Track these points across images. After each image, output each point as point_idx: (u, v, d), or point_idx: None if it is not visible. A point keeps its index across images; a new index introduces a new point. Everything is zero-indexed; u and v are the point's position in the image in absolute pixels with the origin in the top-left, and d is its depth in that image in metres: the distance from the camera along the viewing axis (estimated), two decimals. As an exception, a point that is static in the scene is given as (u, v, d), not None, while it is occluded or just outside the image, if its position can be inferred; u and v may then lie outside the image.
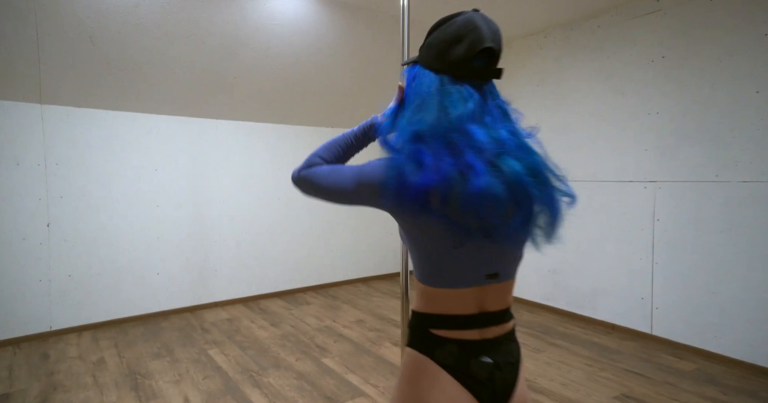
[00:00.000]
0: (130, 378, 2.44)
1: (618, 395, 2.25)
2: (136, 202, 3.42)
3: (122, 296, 3.38)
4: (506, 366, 0.80)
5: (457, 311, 0.79)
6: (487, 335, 0.80)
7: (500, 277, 0.81)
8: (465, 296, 0.79)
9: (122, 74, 3.01)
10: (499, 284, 0.82)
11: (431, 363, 0.78)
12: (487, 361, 0.78)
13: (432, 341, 0.79)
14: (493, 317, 0.81)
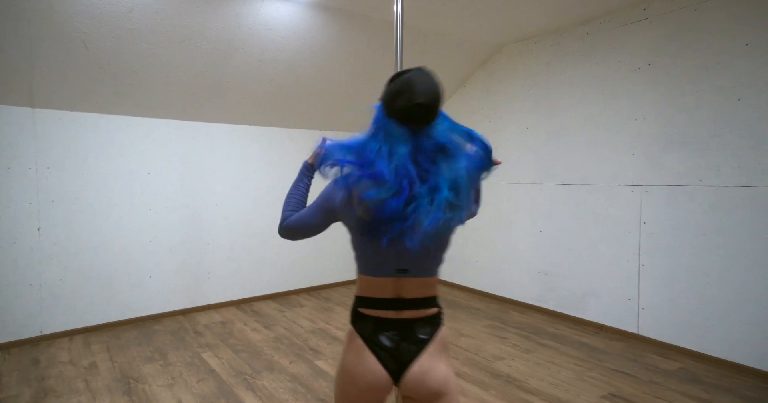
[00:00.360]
0: (123, 383, 2.44)
1: (606, 395, 2.31)
2: (129, 205, 3.41)
3: (114, 300, 3.36)
4: (413, 341, 1.03)
5: (377, 295, 1.05)
6: (402, 315, 1.04)
7: (410, 273, 1.05)
8: (383, 284, 1.05)
9: (116, 78, 3.01)
10: (413, 279, 1.05)
11: (355, 334, 1.06)
12: (393, 335, 1.03)
13: (357, 317, 1.08)
14: (409, 303, 1.05)
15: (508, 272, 3.97)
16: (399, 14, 1.85)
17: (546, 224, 3.65)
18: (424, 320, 1.06)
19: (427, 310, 1.06)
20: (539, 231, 3.71)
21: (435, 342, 1.04)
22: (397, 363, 1.02)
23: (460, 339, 3.10)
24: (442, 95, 1.00)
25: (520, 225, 3.85)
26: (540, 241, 3.70)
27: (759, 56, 2.46)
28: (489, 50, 3.97)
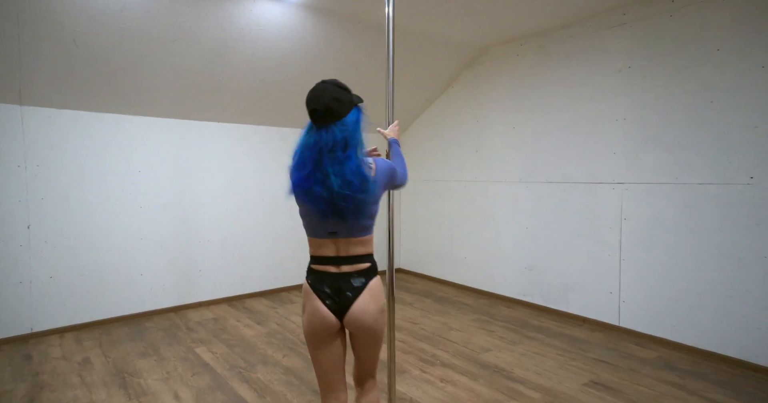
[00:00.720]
0: (118, 377, 2.47)
1: (587, 382, 2.43)
2: (120, 203, 3.42)
3: (105, 297, 3.37)
4: (350, 289, 1.32)
5: (322, 253, 1.34)
6: (342, 270, 1.33)
7: (339, 234, 1.32)
8: (324, 244, 1.33)
9: (107, 77, 3.01)
10: (344, 239, 1.33)
11: (308, 286, 1.35)
12: (335, 285, 1.32)
13: (309, 272, 1.37)
14: (345, 259, 1.33)
15: (495, 268, 4.08)
16: (390, 16, 1.92)
17: (531, 221, 3.77)
18: (359, 273, 1.34)
19: (360, 265, 1.35)
20: (525, 228, 3.82)
21: (367, 290, 1.34)
22: (338, 306, 1.32)
23: (450, 333, 3.19)
24: (341, 102, 1.29)
25: (506, 222, 3.96)
26: (525, 237, 3.81)
27: (729, 61, 2.61)
28: (475, 52, 4.07)
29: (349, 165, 1.25)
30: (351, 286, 1.32)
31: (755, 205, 2.54)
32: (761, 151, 2.51)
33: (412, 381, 2.43)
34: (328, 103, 1.27)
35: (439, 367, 2.61)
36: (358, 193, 1.25)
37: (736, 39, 2.58)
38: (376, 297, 1.35)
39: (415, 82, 4.23)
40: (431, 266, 4.77)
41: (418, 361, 2.70)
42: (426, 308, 3.77)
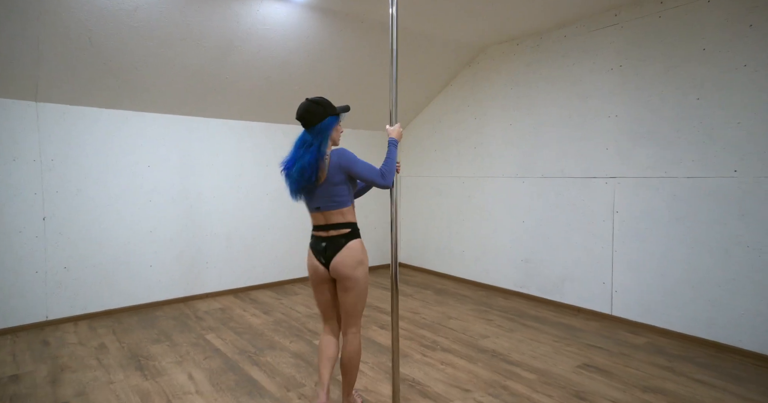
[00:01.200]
0: (134, 360, 2.59)
1: (580, 365, 2.56)
2: (130, 197, 3.53)
3: (116, 288, 3.48)
4: (333, 248, 1.81)
5: (315, 223, 1.86)
6: (330, 233, 1.83)
7: (321, 208, 1.82)
8: (315, 216, 1.85)
9: (118, 74, 3.13)
10: (326, 212, 1.82)
11: (309, 246, 1.91)
12: (324, 245, 1.83)
13: (311, 237, 1.90)
14: (330, 226, 1.83)
15: (492, 261, 4.21)
16: (394, 16, 2.02)
17: (528, 215, 3.90)
18: (341, 236, 1.83)
19: (341, 230, 1.83)
20: (521, 222, 3.95)
21: (345, 248, 1.82)
22: (326, 260, 1.84)
23: (449, 321, 3.32)
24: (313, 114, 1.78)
25: (503, 217, 4.09)
26: (522, 231, 3.94)
27: (714, 60, 2.74)
28: (474, 51, 4.20)
29: (308, 158, 1.74)
30: (334, 245, 1.82)
31: (739, 197, 2.68)
32: (744, 145, 2.65)
33: (414, 364, 2.55)
34: (303, 114, 1.80)
35: (440, 351, 2.74)
36: (311, 179, 1.75)
37: (721, 39, 2.71)
38: (353, 253, 1.82)
39: (415, 81, 4.35)
40: (430, 260, 4.90)
41: (419, 346, 2.82)
42: (426, 299, 3.89)
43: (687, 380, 2.36)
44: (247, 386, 2.28)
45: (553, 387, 2.28)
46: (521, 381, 2.35)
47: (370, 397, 2.16)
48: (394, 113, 2.03)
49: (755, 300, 2.63)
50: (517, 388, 2.27)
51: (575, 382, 2.34)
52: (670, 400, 2.16)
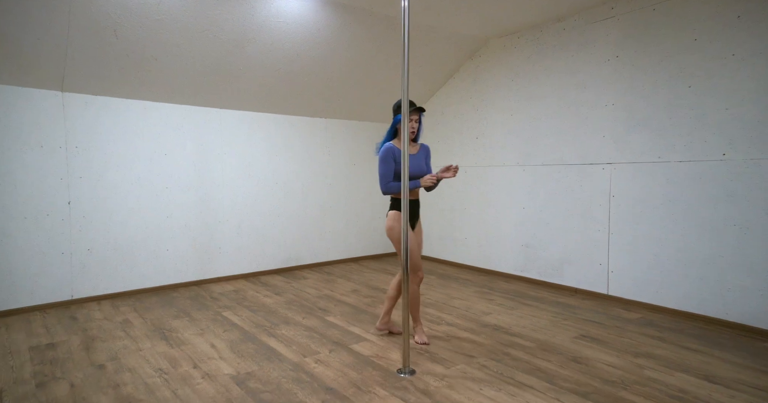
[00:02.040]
0: (158, 332, 2.76)
1: (577, 336, 2.72)
2: (148, 184, 3.70)
3: (136, 270, 3.65)
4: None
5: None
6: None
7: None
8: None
9: (139, 66, 3.29)
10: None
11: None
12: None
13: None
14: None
15: (494, 246, 4.38)
16: (406, 9, 2.17)
17: (528, 201, 4.06)
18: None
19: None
20: (522, 208, 4.12)
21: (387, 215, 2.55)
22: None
23: (453, 301, 3.49)
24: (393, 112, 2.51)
25: (504, 204, 4.25)
26: (523, 217, 4.11)
27: (704, 50, 2.90)
28: (476, 44, 4.36)
29: None
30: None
31: (727, 179, 2.84)
32: (732, 130, 2.81)
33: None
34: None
35: (445, 325, 2.91)
36: None
37: (711, 29, 2.87)
38: (387, 219, 2.53)
39: (419, 73, 4.51)
40: (433, 248, 5.07)
41: (425, 321, 2.99)
42: (430, 283, 4.06)
43: (676, 347, 2.53)
44: (266, 353, 2.45)
45: (552, 353, 2.45)
46: (522, 349, 2.51)
47: (381, 362, 2.33)
48: (405, 103, 2.17)
49: (741, 275, 2.79)
50: (518, 354, 2.44)
51: (572, 349, 2.51)
52: (660, 363, 2.33)
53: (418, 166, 2.52)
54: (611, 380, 2.13)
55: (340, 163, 4.90)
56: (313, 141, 4.69)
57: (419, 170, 2.52)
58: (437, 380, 2.14)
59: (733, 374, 2.19)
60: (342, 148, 4.91)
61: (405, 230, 2.19)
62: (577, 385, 2.08)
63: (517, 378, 2.15)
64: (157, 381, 2.09)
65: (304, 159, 4.63)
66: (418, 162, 2.53)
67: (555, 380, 2.14)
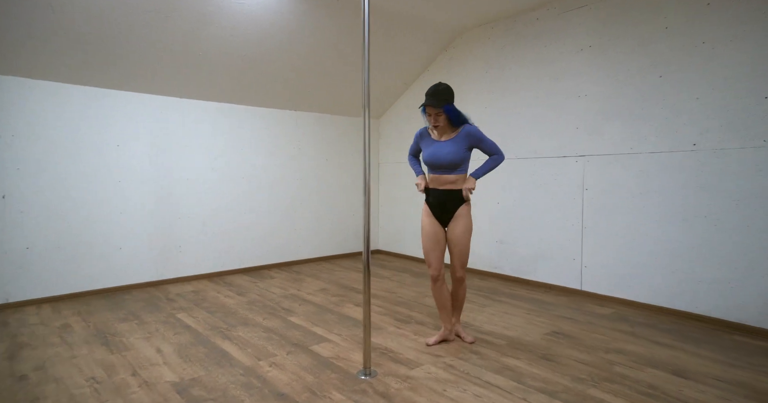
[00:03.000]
0: (99, 337, 2.52)
1: (549, 332, 2.62)
2: (98, 176, 3.43)
3: (83, 270, 3.38)
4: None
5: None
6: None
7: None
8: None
9: (82, 47, 3.03)
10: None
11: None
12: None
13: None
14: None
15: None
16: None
17: (503, 196, 3.96)
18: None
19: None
20: (497, 203, 4.02)
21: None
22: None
23: (425, 299, 3.35)
24: None
25: (479, 199, 4.15)
26: (497, 212, 4.01)
27: (676, 39, 2.85)
28: (450, 35, 4.24)
29: None
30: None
31: (698, 169, 2.79)
32: (702, 120, 2.76)
33: (388, 335, 2.57)
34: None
35: (414, 324, 2.76)
36: None
37: (681, 18, 2.82)
38: None
39: (392, 66, 4.36)
40: (407, 246, 4.93)
41: (394, 320, 2.84)
42: (402, 281, 3.92)
43: (647, 343, 2.45)
44: (216, 356, 2.25)
45: (522, 351, 2.33)
46: (491, 347, 2.39)
47: (341, 364, 2.17)
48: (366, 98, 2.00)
49: (712, 268, 2.75)
50: (487, 352, 2.32)
51: (543, 346, 2.40)
52: (631, 358, 2.24)
53: (433, 154, 2.28)
54: (580, 377, 2.03)
55: (310, 158, 4.71)
56: (282, 134, 4.48)
57: (434, 158, 2.27)
58: (399, 381, 1.98)
59: (703, 369, 2.12)
60: (313, 142, 4.72)
61: (366, 216, 2.03)
62: (546, 383, 1.97)
63: (484, 378, 2.02)
64: (86, 392, 1.87)
65: (272, 153, 4.42)
66: (439, 149, 2.27)
67: (523, 378, 2.02)
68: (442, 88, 2.21)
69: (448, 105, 2.21)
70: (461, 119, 2.26)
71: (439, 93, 2.20)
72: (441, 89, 2.21)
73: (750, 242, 2.59)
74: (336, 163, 4.93)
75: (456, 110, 2.23)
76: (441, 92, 2.21)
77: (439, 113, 2.22)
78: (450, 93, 2.23)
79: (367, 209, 2.05)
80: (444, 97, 2.20)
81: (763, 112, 2.53)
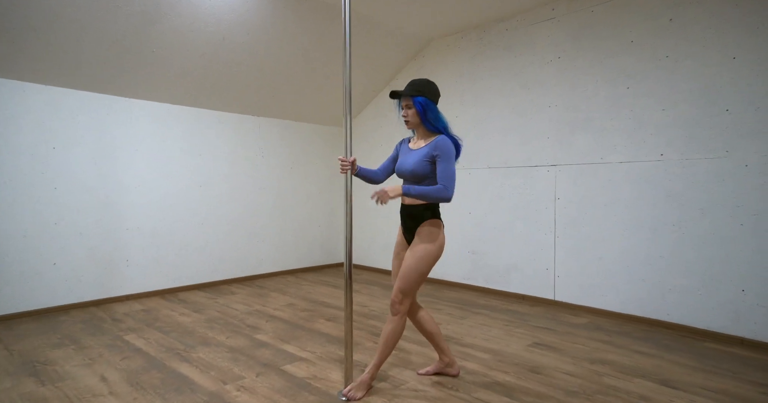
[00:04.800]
0: (27, 366, 2.13)
1: (531, 344, 2.55)
2: (28, 183, 3.02)
3: (6, 289, 2.92)
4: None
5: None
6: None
7: None
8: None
9: (12, 37, 2.68)
10: None
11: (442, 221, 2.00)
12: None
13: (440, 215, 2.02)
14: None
15: (440, 252, 4.18)
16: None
17: (474, 206, 3.93)
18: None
19: None
20: (468, 213, 3.98)
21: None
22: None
23: (399, 311, 3.19)
24: None
25: (450, 209, 4.09)
26: (469, 222, 3.97)
27: (641, 51, 2.97)
28: (420, 43, 4.23)
29: None
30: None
31: (665, 179, 2.89)
32: (669, 130, 2.87)
33: (365, 351, 2.39)
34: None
35: (392, 339, 2.60)
36: None
37: (646, 32, 2.95)
38: None
39: (360, 72, 4.28)
40: (377, 258, 4.77)
41: (370, 335, 2.66)
42: (373, 294, 3.75)
43: (627, 352, 2.44)
44: (175, 382, 1.96)
45: (508, 364, 2.24)
46: (476, 361, 2.27)
47: (319, 385, 1.96)
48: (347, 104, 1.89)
49: (679, 276, 2.82)
50: (474, 367, 2.19)
51: (528, 358, 2.32)
52: (616, 368, 2.20)
53: (400, 163, 1.96)
54: (573, 390, 1.95)
55: (274, 166, 4.47)
56: (243, 141, 4.23)
57: (399, 167, 1.96)
58: (385, 401, 1.81)
59: (688, 378, 2.11)
60: (276, 149, 4.50)
61: (348, 227, 1.87)
62: (539, 398, 1.87)
63: (474, 394, 1.89)
64: (9, 435, 1.54)
65: (232, 160, 4.15)
66: (405, 158, 1.94)
67: (515, 393, 1.91)
68: (420, 80, 1.90)
69: (421, 97, 1.85)
70: (436, 125, 1.88)
71: (414, 83, 1.88)
72: (418, 80, 1.89)
73: (715, 250, 2.69)
74: (300, 173, 4.72)
75: (431, 109, 1.87)
76: (417, 83, 1.88)
77: (409, 105, 1.89)
78: (428, 87, 1.88)
79: (349, 218, 1.90)
80: (418, 88, 1.86)
81: (724, 123, 2.66)
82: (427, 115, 1.88)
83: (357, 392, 1.83)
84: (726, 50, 2.65)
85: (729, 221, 2.64)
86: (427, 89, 1.89)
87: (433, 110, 1.88)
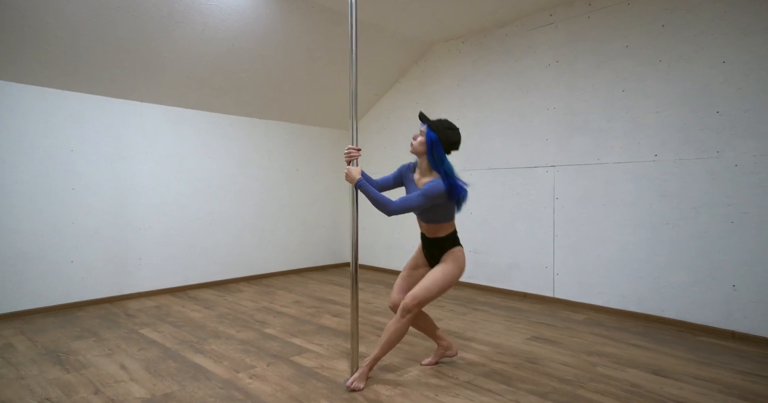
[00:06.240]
0: (51, 356, 2.26)
1: (531, 337, 2.64)
2: (47, 184, 3.15)
3: (27, 286, 3.06)
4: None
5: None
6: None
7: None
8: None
9: (35, 43, 2.82)
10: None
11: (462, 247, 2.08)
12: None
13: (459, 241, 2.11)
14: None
15: (442, 252, 4.28)
16: (353, 5, 2.01)
17: (476, 206, 4.03)
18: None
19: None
20: (470, 213, 4.08)
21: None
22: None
23: (402, 308, 3.29)
24: None
25: (452, 208, 4.19)
26: (471, 222, 4.07)
27: (636, 56, 3.07)
28: (422, 48, 4.35)
29: None
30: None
31: (660, 178, 2.98)
32: (663, 131, 2.97)
33: (370, 344, 2.49)
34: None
35: (395, 333, 2.70)
36: None
37: (640, 37, 3.05)
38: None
39: (365, 76, 4.40)
40: (380, 258, 4.88)
41: (374, 329, 2.76)
42: (377, 292, 3.85)
43: (624, 345, 2.52)
44: (190, 371, 2.07)
45: (508, 355, 2.33)
46: (477, 352, 2.37)
47: (326, 374, 2.06)
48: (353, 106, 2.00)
49: (674, 272, 2.90)
50: (474, 358, 2.29)
51: (527, 351, 2.41)
52: (611, 360, 2.29)
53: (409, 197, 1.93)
54: (567, 378, 2.04)
55: (281, 168, 4.60)
56: (252, 144, 4.36)
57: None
58: (389, 388, 1.91)
59: (680, 368, 2.20)
60: (284, 152, 4.62)
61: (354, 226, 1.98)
62: (535, 385, 1.96)
63: (474, 382, 1.99)
64: (40, 414, 1.66)
65: (241, 162, 4.28)
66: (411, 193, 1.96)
67: (512, 381, 2.00)
68: (446, 122, 1.94)
69: (434, 133, 1.90)
70: (438, 164, 1.91)
71: (439, 120, 1.94)
72: (446, 121, 1.94)
73: (709, 247, 2.77)
74: (307, 174, 4.84)
75: (437, 149, 1.90)
76: (441, 122, 1.94)
77: (423, 133, 1.94)
78: (445, 132, 1.92)
79: (355, 218, 2.01)
80: (438, 125, 1.92)
81: (715, 125, 2.76)
82: (433, 152, 1.92)
83: (359, 383, 1.90)
84: (716, 55, 2.74)
85: (719, 219, 2.73)
86: (442, 132, 1.92)
87: (439, 151, 1.92)
